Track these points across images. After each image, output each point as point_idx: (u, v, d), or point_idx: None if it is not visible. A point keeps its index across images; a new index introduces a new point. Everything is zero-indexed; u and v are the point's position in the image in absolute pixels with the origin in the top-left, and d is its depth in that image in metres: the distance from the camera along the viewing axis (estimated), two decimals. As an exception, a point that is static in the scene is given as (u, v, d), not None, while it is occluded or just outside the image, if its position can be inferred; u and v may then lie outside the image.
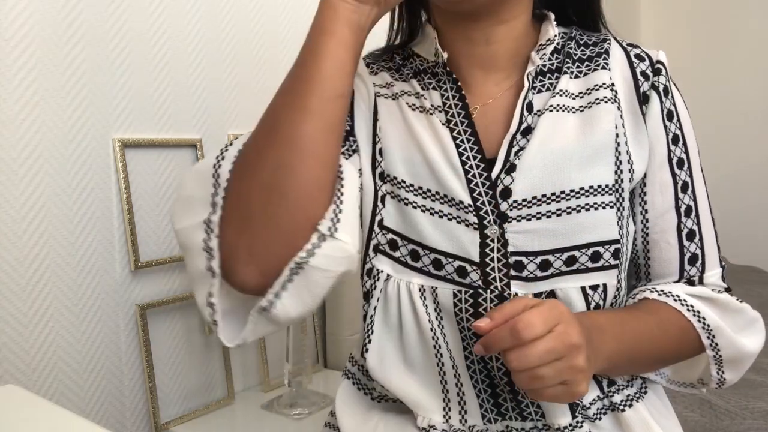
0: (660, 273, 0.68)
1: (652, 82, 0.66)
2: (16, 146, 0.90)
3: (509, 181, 0.62)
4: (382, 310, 0.66)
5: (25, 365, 0.92)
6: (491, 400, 0.64)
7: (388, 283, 0.65)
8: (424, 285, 0.63)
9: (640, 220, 0.67)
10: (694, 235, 0.67)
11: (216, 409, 1.15)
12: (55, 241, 0.94)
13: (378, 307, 0.66)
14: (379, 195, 0.66)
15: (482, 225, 0.62)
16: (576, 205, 0.61)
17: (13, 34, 0.89)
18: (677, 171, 0.67)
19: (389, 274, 0.65)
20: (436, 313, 0.63)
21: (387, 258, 0.65)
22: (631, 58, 0.68)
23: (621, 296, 0.66)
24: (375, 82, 0.71)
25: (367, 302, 0.68)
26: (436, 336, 0.63)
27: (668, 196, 0.67)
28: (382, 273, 0.65)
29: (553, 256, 0.61)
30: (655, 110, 0.66)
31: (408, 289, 0.64)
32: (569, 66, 0.67)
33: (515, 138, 0.63)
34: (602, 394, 0.65)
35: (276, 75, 1.27)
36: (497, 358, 0.62)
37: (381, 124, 0.68)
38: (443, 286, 0.62)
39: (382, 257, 0.66)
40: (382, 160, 0.67)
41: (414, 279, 0.64)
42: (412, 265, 0.64)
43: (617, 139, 0.64)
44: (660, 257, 0.67)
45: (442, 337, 0.64)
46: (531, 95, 0.65)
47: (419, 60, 0.71)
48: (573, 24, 0.73)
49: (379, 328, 0.66)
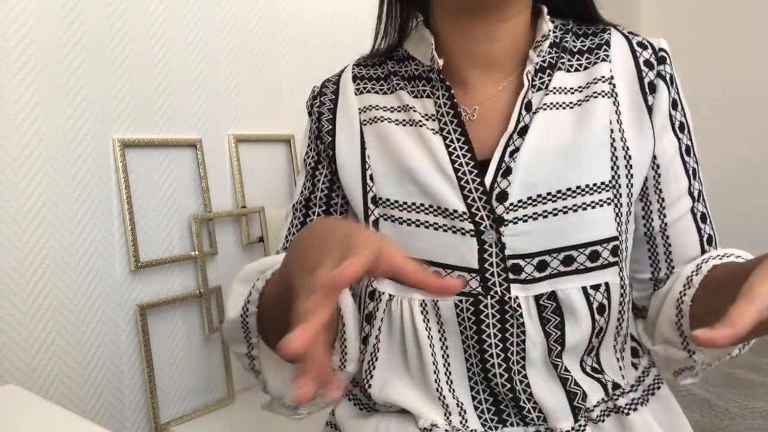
0: (683, 257, 0.67)
1: (657, 71, 0.65)
2: (16, 146, 0.90)
3: (506, 184, 0.61)
4: (386, 330, 0.66)
5: (25, 365, 0.92)
6: (492, 409, 0.63)
7: (391, 303, 0.65)
8: (425, 300, 0.63)
9: (657, 209, 0.67)
10: (706, 218, 0.68)
11: (216, 409, 1.15)
12: (55, 241, 0.94)
13: (383, 328, 0.66)
14: (371, 220, 0.66)
15: (479, 231, 0.61)
16: (572, 204, 0.60)
17: (13, 34, 0.89)
18: (687, 158, 0.67)
19: (391, 294, 0.65)
20: (438, 326, 0.63)
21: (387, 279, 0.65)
22: (634, 46, 0.67)
23: (627, 294, 0.65)
24: (360, 107, 0.71)
25: (369, 324, 0.67)
26: (434, 351, 0.63)
27: (682, 184, 0.66)
28: (384, 294, 0.65)
29: (550, 256, 0.60)
30: (664, 101, 0.65)
31: (410, 306, 0.64)
32: (564, 61, 0.66)
33: (512, 138, 0.63)
34: (606, 397, 0.64)
35: (276, 75, 1.27)
36: (499, 364, 0.62)
37: (369, 151, 0.68)
38: (444, 299, 0.62)
39: (383, 278, 0.66)
40: (373, 185, 0.67)
41: (415, 295, 0.63)
42: None
43: (612, 135, 0.63)
44: (680, 242, 0.67)
45: (443, 350, 0.63)
46: (531, 94, 0.65)
47: (414, 64, 0.70)
48: (562, 16, 0.71)
49: (384, 352, 0.66)
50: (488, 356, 0.62)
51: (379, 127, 0.68)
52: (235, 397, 1.19)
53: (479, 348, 0.62)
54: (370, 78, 0.73)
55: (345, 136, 0.70)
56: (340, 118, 0.71)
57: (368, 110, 0.70)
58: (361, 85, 0.72)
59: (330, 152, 0.70)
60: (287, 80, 1.29)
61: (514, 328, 0.61)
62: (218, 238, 1.15)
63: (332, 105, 0.73)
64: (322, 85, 0.76)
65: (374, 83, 0.72)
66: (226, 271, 1.18)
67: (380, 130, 0.68)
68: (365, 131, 0.69)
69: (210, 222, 1.14)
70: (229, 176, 1.19)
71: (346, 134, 0.70)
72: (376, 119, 0.69)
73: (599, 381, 0.64)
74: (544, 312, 0.61)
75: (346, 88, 0.73)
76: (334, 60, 1.36)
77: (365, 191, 0.67)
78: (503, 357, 0.61)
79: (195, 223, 1.10)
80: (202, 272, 1.11)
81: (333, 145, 0.70)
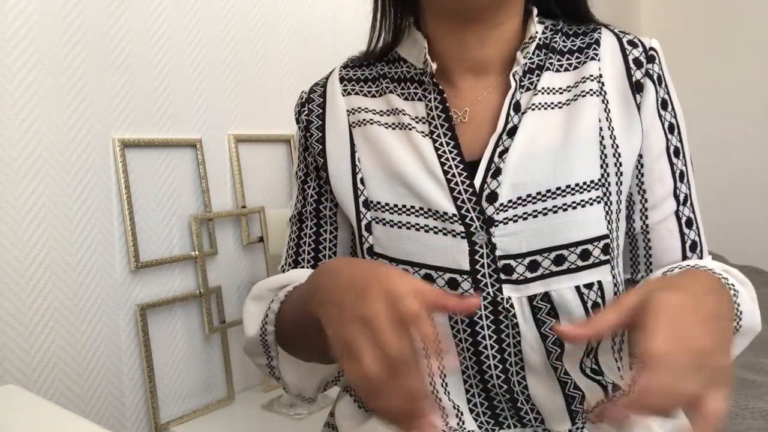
0: (662, 262, 0.67)
1: (646, 70, 0.65)
2: (16, 146, 0.90)
3: (495, 185, 0.61)
4: None
5: (25, 365, 0.92)
6: (488, 412, 0.63)
7: None
8: None
9: (639, 209, 0.67)
10: (692, 223, 0.67)
11: (216, 409, 1.15)
12: (55, 241, 0.94)
13: None
14: (363, 224, 0.66)
15: (469, 233, 0.61)
16: (562, 203, 0.60)
17: (13, 34, 0.89)
18: (674, 160, 0.66)
19: None
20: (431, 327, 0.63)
21: None
22: (624, 44, 0.66)
23: (620, 291, 0.65)
24: (348, 108, 0.71)
25: None
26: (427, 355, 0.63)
27: (667, 185, 0.66)
28: None
29: (541, 256, 0.60)
30: (650, 100, 0.65)
31: None
32: (552, 61, 0.66)
33: (501, 138, 0.63)
34: (606, 399, 0.64)
35: (276, 75, 1.27)
36: (496, 366, 0.61)
37: (359, 155, 0.68)
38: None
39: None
40: (364, 189, 0.67)
41: None
42: None
43: (601, 133, 0.63)
44: (661, 246, 0.66)
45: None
46: (519, 94, 0.65)
47: (406, 66, 0.70)
48: (554, 17, 0.71)
49: None
50: (484, 358, 0.62)
51: (368, 129, 0.69)
52: (235, 397, 1.19)
53: (474, 350, 0.62)
54: (358, 80, 0.73)
55: (334, 140, 0.70)
56: (329, 122, 0.72)
57: (356, 112, 0.70)
58: (349, 87, 0.72)
59: (321, 160, 0.71)
60: (287, 80, 1.29)
61: (509, 329, 0.61)
62: (218, 238, 1.15)
63: (321, 110, 0.73)
64: (310, 90, 0.76)
65: (362, 85, 0.72)
66: (226, 271, 1.18)
67: (369, 132, 0.68)
68: (354, 133, 0.69)
69: (210, 222, 1.14)
70: (229, 176, 1.19)
71: (336, 138, 0.70)
72: (365, 121, 0.69)
73: (599, 383, 0.64)
74: (539, 314, 0.60)
75: (334, 90, 0.73)
76: (334, 60, 1.35)
77: (356, 195, 0.67)
78: (499, 359, 0.61)
79: (195, 223, 1.10)
80: (202, 272, 1.11)
81: (324, 152, 0.71)
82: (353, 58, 0.76)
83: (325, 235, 0.73)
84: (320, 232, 0.73)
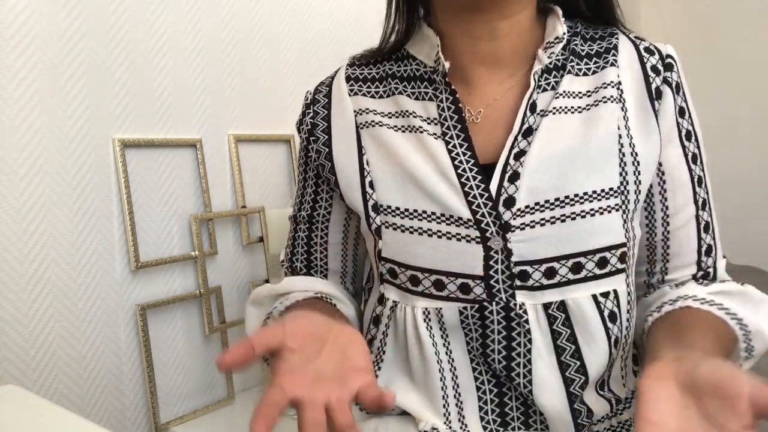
0: (678, 265, 0.67)
1: (664, 78, 0.64)
2: (16, 146, 0.90)
3: (513, 189, 0.60)
4: (392, 335, 0.67)
5: (25, 365, 0.92)
6: (497, 410, 0.63)
7: (395, 310, 0.66)
8: (428, 308, 0.63)
9: (661, 217, 0.66)
10: (709, 227, 0.67)
11: (216, 409, 1.15)
12: (55, 241, 0.94)
13: (389, 332, 0.67)
14: (373, 228, 0.66)
15: (485, 238, 0.60)
16: (581, 210, 0.59)
17: (13, 34, 0.89)
18: (693, 166, 0.66)
19: (395, 301, 0.65)
20: (441, 332, 0.63)
21: (391, 286, 0.66)
22: (641, 51, 0.66)
23: (632, 300, 0.65)
24: (356, 109, 0.69)
25: (375, 327, 0.68)
26: (439, 358, 0.63)
27: (687, 192, 0.66)
28: (388, 300, 0.66)
29: (558, 263, 0.59)
30: (669, 108, 0.64)
31: (413, 314, 0.64)
32: (573, 64, 0.65)
33: (516, 140, 0.62)
34: (611, 413, 0.64)
35: (276, 75, 1.27)
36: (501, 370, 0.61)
37: (368, 157, 0.67)
38: (447, 306, 0.61)
39: (388, 285, 0.66)
40: (374, 192, 0.66)
41: (418, 303, 0.63)
42: (413, 290, 0.63)
43: (620, 140, 0.62)
44: (679, 251, 0.67)
45: (447, 355, 0.63)
46: (536, 95, 0.63)
47: (415, 64, 0.69)
48: (580, 18, 0.70)
49: (389, 355, 0.67)
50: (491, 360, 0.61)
51: (377, 131, 0.67)
52: (235, 397, 1.19)
53: (482, 351, 0.62)
54: (365, 79, 0.71)
55: (342, 142, 0.69)
56: (336, 123, 0.70)
57: (364, 113, 0.69)
58: (356, 87, 0.71)
59: (328, 164, 0.70)
60: (287, 80, 1.29)
61: (521, 337, 0.60)
62: (218, 238, 1.15)
63: (326, 111, 0.71)
64: (315, 90, 0.75)
65: (369, 85, 0.71)
66: (226, 271, 1.18)
67: (378, 135, 0.67)
68: (362, 135, 0.68)
69: (210, 222, 1.14)
70: (229, 176, 1.19)
71: (343, 140, 0.69)
72: (373, 123, 0.68)
73: (605, 398, 0.64)
74: (554, 324, 0.60)
75: (341, 89, 0.71)
76: (334, 60, 1.36)
77: (365, 199, 0.66)
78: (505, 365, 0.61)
79: (195, 223, 1.10)
80: (202, 272, 1.11)
81: (330, 156, 0.69)
82: (360, 55, 0.74)
83: (316, 240, 0.75)
84: (312, 236, 0.75)
